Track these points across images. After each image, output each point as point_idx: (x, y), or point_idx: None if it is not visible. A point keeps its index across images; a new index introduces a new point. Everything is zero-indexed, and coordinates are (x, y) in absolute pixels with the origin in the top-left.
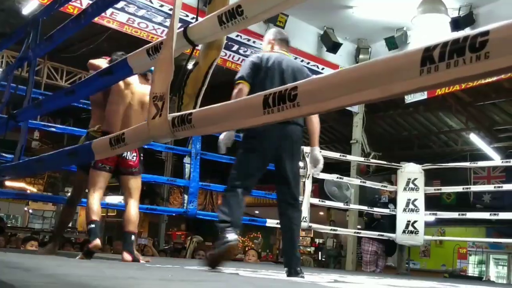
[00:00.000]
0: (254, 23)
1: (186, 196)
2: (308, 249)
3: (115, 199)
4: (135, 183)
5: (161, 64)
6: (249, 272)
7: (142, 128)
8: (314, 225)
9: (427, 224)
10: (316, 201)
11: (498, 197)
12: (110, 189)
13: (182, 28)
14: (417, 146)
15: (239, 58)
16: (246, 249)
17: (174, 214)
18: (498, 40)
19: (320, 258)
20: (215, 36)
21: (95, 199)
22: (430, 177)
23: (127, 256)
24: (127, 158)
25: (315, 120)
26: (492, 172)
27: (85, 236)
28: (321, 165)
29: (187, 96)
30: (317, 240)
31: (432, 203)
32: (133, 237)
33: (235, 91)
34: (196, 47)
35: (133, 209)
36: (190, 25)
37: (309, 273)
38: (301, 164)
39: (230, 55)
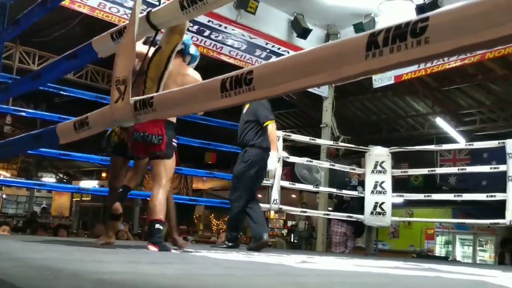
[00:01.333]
0: (215, 8)
1: None
2: (281, 231)
3: (89, 184)
4: (159, 168)
5: (123, 48)
6: (219, 254)
7: (105, 112)
8: (285, 207)
9: (396, 206)
10: (286, 184)
11: (464, 179)
12: (84, 174)
13: (145, 13)
14: (386, 130)
15: (210, 43)
16: (220, 231)
17: (147, 198)
18: (437, 26)
19: (292, 240)
20: (177, 20)
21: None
22: (399, 160)
23: (151, 248)
24: (153, 142)
25: None
26: (457, 155)
27: (59, 221)
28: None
29: (150, 80)
30: (289, 223)
31: (401, 185)
32: (157, 225)
33: (274, 128)
34: (160, 31)
35: (154, 196)
36: (153, 10)
37: (279, 254)
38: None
39: (202, 40)
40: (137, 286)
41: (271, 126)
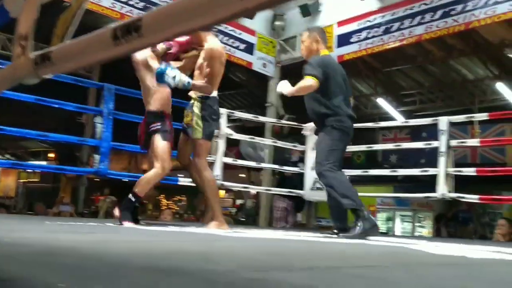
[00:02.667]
0: None
1: (97, 156)
2: (230, 210)
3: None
4: (152, 144)
5: (27, 5)
6: (152, 226)
7: (8, 69)
8: (226, 183)
9: None
10: (229, 160)
11: (404, 158)
12: (32, 155)
13: None
14: None
15: None
16: (162, 208)
17: (85, 175)
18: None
19: (240, 218)
20: None
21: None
22: None
23: (116, 211)
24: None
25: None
26: (398, 134)
27: (3, 201)
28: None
29: (57, 37)
30: (238, 201)
31: (344, 163)
32: (130, 196)
33: (307, 84)
34: None
35: (146, 174)
36: None
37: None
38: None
39: None
40: (40, 246)
41: (306, 80)
